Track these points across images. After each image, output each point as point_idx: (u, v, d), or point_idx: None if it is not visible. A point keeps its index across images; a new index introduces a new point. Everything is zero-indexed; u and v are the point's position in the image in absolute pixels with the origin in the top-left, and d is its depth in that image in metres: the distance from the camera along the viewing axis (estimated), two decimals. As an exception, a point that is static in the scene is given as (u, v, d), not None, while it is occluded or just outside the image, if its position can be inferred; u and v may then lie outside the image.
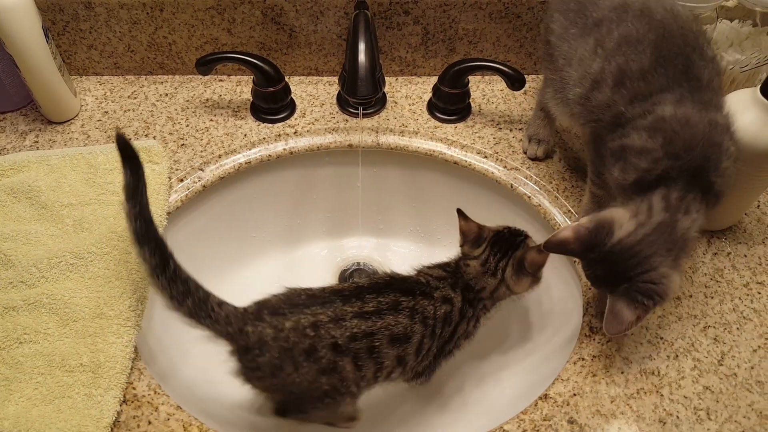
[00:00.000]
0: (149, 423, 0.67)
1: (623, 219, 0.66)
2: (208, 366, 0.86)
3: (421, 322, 0.68)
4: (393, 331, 0.66)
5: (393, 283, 0.70)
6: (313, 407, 0.69)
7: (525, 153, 0.93)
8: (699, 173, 0.66)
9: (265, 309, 0.66)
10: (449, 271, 0.75)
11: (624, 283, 0.65)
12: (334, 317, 0.64)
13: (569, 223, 0.85)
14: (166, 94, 1.00)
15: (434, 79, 0.97)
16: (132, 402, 0.69)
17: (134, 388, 0.70)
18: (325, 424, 0.78)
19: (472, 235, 0.77)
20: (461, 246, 0.78)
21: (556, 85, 0.79)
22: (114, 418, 0.67)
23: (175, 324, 0.86)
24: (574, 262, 0.83)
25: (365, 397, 0.83)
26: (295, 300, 0.66)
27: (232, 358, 0.67)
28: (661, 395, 0.70)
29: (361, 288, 0.68)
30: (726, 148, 0.67)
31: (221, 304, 0.67)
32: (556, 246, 0.68)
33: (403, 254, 1.04)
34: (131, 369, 0.71)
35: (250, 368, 0.66)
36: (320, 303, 0.65)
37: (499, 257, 0.75)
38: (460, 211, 0.78)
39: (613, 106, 0.70)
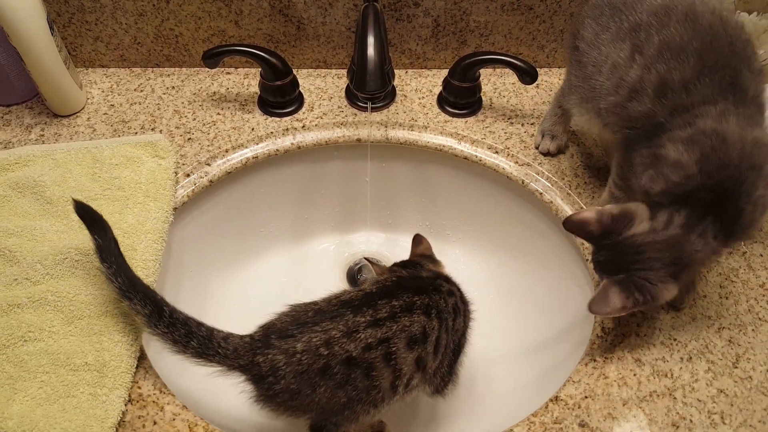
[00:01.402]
0: (154, 423, 0.67)
1: (644, 216, 0.66)
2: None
3: (437, 318, 0.66)
4: (410, 332, 0.63)
5: (403, 283, 0.68)
6: (343, 420, 0.67)
7: (537, 148, 0.91)
8: (729, 197, 0.63)
9: (273, 333, 0.63)
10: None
11: (623, 272, 0.65)
12: (347, 331, 0.62)
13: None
14: (173, 87, 0.99)
15: (444, 73, 0.96)
16: (137, 402, 0.68)
17: (140, 388, 0.69)
18: None
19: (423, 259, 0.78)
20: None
21: (583, 93, 0.76)
22: (119, 418, 0.66)
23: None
24: (587, 260, 0.81)
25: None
26: (302, 318, 0.63)
27: (247, 386, 0.64)
28: (674, 398, 0.69)
29: (371, 295, 0.66)
30: (766, 173, 0.63)
31: (227, 338, 0.64)
32: (577, 224, 0.68)
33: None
34: (137, 368, 0.70)
35: (267, 396, 0.64)
36: (330, 318, 0.63)
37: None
38: (416, 238, 0.80)
39: (653, 117, 0.67)
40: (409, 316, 0.64)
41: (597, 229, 0.66)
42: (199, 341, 0.63)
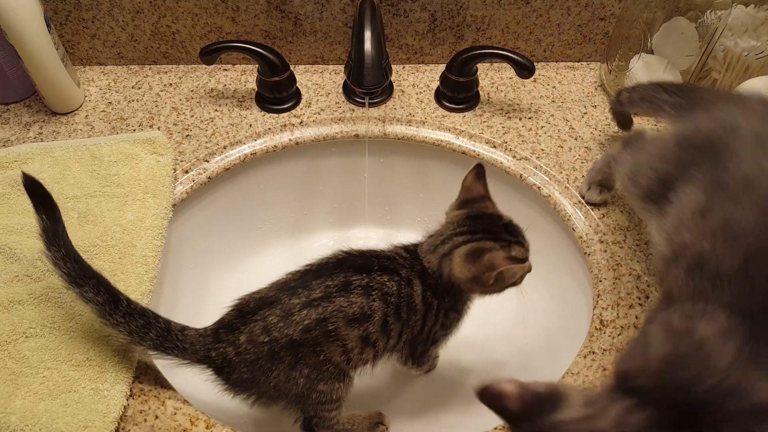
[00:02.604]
0: (156, 417, 0.67)
1: (575, 401, 0.52)
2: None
3: (381, 299, 0.64)
4: (347, 313, 0.63)
5: (346, 261, 0.67)
6: (318, 406, 0.68)
7: (582, 196, 0.85)
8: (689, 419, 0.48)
9: (221, 328, 0.64)
10: (410, 250, 0.71)
11: None
12: (283, 315, 0.62)
13: (579, 214, 0.84)
14: (171, 84, 0.99)
15: (442, 67, 0.96)
16: (139, 396, 0.68)
17: (141, 383, 0.70)
18: None
19: (470, 196, 0.72)
20: (450, 207, 0.74)
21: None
22: (121, 413, 0.66)
23: (180, 316, 0.86)
24: (585, 254, 0.81)
25: (370, 394, 0.83)
26: (245, 309, 0.64)
27: (212, 378, 0.66)
28: (673, 389, 0.69)
29: (308, 274, 0.65)
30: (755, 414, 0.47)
31: (183, 329, 0.65)
32: (492, 396, 0.53)
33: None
34: (138, 363, 0.71)
35: (230, 386, 0.66)
36: (268, 304, 0.63)
37: (461, 231, 0.68)
38: (480, 167, 0.72)
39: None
40: (345, 296, 0.63)
41: (516, 406, 0.52)
42: (157, 332, 0.63)
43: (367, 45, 0.81)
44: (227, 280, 0.96)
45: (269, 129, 0.93)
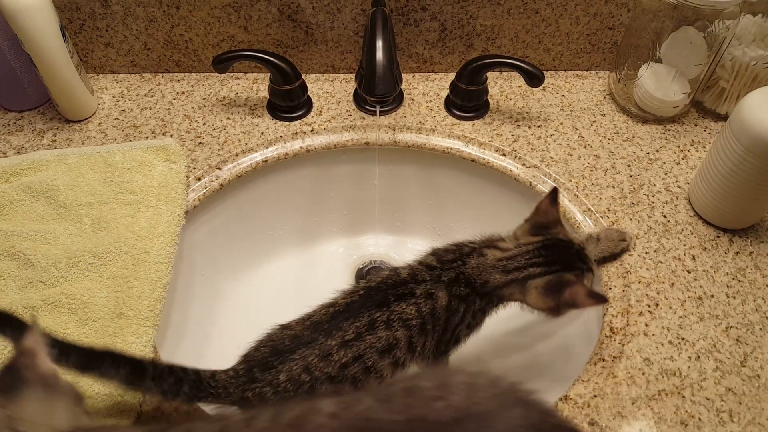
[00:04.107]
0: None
1: None
2: (226, 364, 0.87)
3: (403, 327, 0.66)
4: (378, 347, 0.65)
5: (367, 299, 0.68)
6: None
7: None
8: None
9: (255, 367, 0.64)
10: (445, 260, 0.72)
11: None
12: (322, 355, 0.63)
13: (589, 221, 0.85)
14: (183, 92, 1.00)
15: (451, 76, 0.97)
16: (150, 401, 0.69)
17: (154, 388, 0.70)
18: None
19: (544, 220, 0.72)
20: (519, 227, 0.74)
21: None
22: (134, 418, 0.67)
23: (192, 322, 0.87)
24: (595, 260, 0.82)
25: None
26: (280, 347, 0.65)
27: None
28: (683, 397, 0.70)
29: (337, 314, 0.66)
30: None
31: (213, 375, 0.65)
32: None
33: (420, 252, 1.03)
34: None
35: None
36: (305, 344, 0.64)
37: (537, 262, 0.70)
38: (555, 191, 0.73)
39: None
40: (373, 333, 0.65)
41: None
42: (190, 386, 0.63)
43: (379, 54, 0.81)
44: (238, 286, 0.96)
45: (281, 137, 0.94)
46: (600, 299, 0.68)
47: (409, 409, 0.44)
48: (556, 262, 0.69)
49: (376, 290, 0.69)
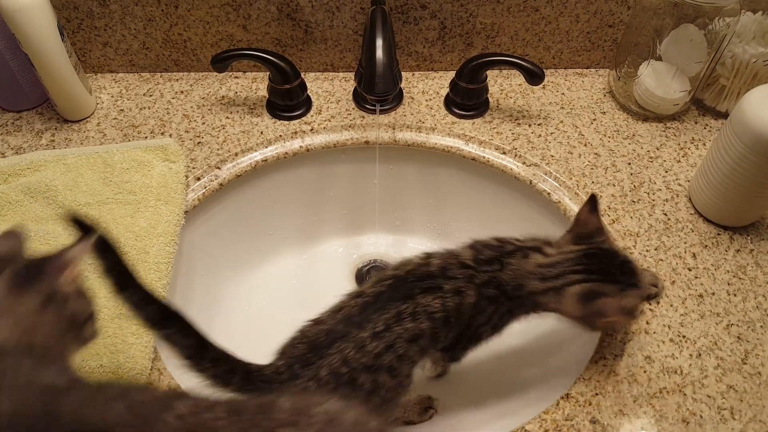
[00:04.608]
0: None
1: None
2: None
3: (428, 319, 0.66)
4: (406, 336, 0.65)
5: (395, 290, 0.68)
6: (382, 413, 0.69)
7: None
8: None
9: (296, 364, 0.64)
10: (481, 259, 0.70)
11: None
12: (357, 346, 0.64)
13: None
14: (182, 92, 1.00)
15: (451, 74, 0.97)
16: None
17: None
18: (404, 424, 0.80)
19: (585, 229, 0.71)
20: (562, 238, 0.72)
21: None
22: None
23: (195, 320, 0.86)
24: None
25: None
26: (317, 342, 0.65)
27: None
28: (684, 394, 0.70)
29: (367, 306, 0.66)
30: None
31: (259, 369, 0.64)
32: None
33: (420, 251, 1.03)
34: (151, 369, 0.71)
35: None
36: (340, 337, 0.64)
37: (577, 270, 0.68)
38: (593, 199, 0.71)
39: None
40: (400, 324, 0.65)
41: None
42: (240, 377, 0.63)
43: (379, 53, 0.81)
44: (238, 285, 0.96)
45: (280, 136, 0.94)
46: (631, 315, 0.66)
47: (254, 426, 0.44)
48: (597, 272, 0.68)
49: (404, 281, 0.68)
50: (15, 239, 0.57)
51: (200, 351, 0.61)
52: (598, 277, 0.67)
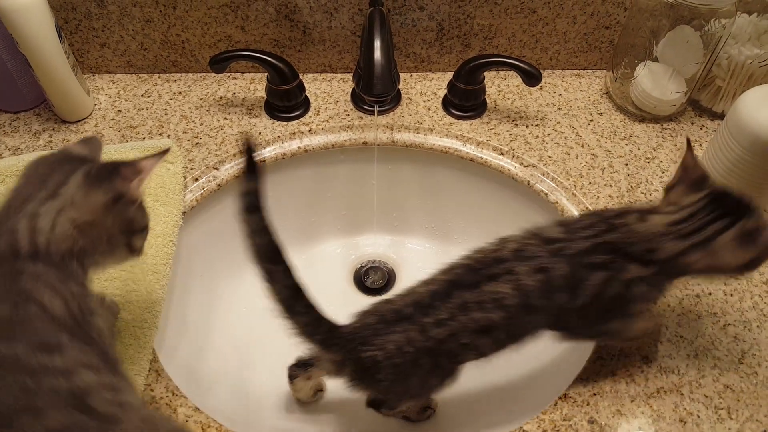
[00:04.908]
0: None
1: None
2: (226, 367, 0.87)
3: (500, 308, 0.63)
4: (473, 327, 0.64)
5: (461, 278, 0.65)
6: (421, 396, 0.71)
7: None
8: None
9: (367, 331, 0.65)
10: (575, 228, 0.66)
11: None
12: (420, 330, 0.63)
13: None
14: (180, 93, 1.00)
15: (449, 76, 0.97)
16: (150, 404, 0.69)
17: (152, 390, 0.70)
18: (403, 419, 0.80)
19: (695, 175, 0.66)
20: (668, 188, 0.68)
21: None
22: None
23: (191, 324, 0.86)
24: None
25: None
26: (386, 318, 0.65)
27: (348, 374, 0.67)
28: (682, 394, 0.70)
29: (435, 294, 0.65)
30: None
31: (339, 327, 0.65)
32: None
33: (418, 252, 1.04)
34: (149, 371, 0.71)
35: (368, 384, 0.67)
36: (406, 318, 0.64)
37: (716, 217, 0.63)
38: (690, 142, 0.68)
39: None
40: (465, 314, 0.63)
41: None
42: (325, 329, 0.64)
43: (377, 54, 0.81)
44: (237, 286, 0.96)
45: (278, 137, 0.94)
46: None
47: None
48: (733, 212, 0.63)
49: (471, 269, 0.66)
50: (93, 144, 0.62)
51: (297, 294, 0.63)
52: (735, 218, 0.63)
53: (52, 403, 0.45)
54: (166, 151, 0.62)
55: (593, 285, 0.64)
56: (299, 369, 0.78)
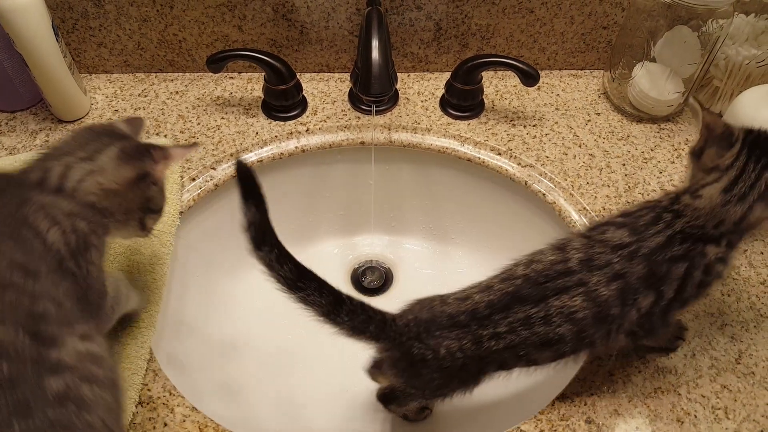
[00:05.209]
0: (165, 425, 0.67)
1: None
2: (223, 366, 0.87)
3: (569, 322, 0.62)
4: (534, 341, 0.62)
5: (521, 292, 0.63)
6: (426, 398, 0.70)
7: None
8: None
9: (421, 327, 0.64)
10: (640, 227, 0.64)
11: None
12: (474, 340, 0.62)
13: (584, 220, 0.85)
14: (177, 92, 1.00)
15: (447, 75, 0.97)
16: (147, 404, 0.69)
17: (149, 390, 0.70)
18: (401, 417, 0.80)
19: (719, 131, 0.65)
20: (694, 153, 0.67)
21: None
22: (130, 420, 0.66)
23: (188, 323, 0.86)
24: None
25: (371, 403, 0.84)
26: (439, 321, 0.64)
27: (394, 359, 0.66)
28: (679, 394, 0.70)
29: (492, 306, 0.63)
30: None
31: (394, 319, 0.65)
32: None
33: (416, 252, 1.04)
34: (146, 370, 0.71)
35: (411, 376, 0.66)
36: (461, 326, 0.63)
37: (761, 169, 0.61)
38: (701, 105, 0.68)
39: None
40: (528, 329, 0.62)
41: None
42: (375, 325, 0.63)
43: (375, 53, 0.81)
44: (234, 286, 0.96)
45: (276, 137, 0.94)
46: None
47: None
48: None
49: (534, 283, 0.64)
50: (136, 124, 0.68)
51: (336, 307, 0.61)
52: None
53: (5, 316, 0.48)
54: (195, 144, 0.69)
55: (677, 279, 0.63)
56: (376, 369, 0.76)
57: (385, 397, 0.75)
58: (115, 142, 0.62)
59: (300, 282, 0.61)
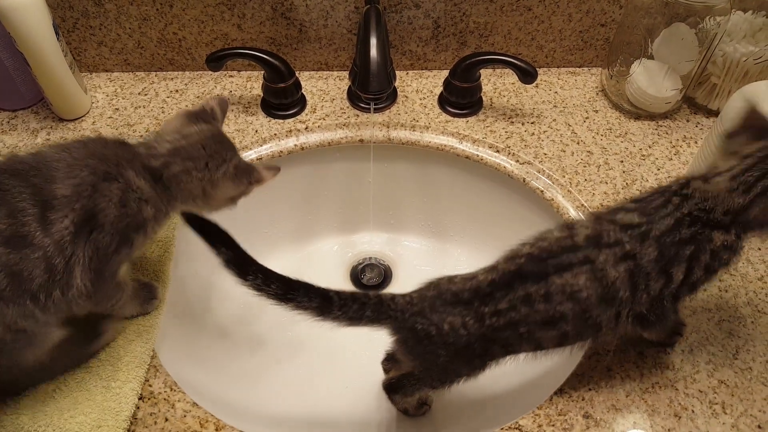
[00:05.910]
0: (166, 420, 0.68)
1: None
2: (224, 361, 0.87)
3: (571, 300, 0.62)
4: (536, 318, 0.62)
5: (523, 270, 0.64)
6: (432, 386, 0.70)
7: None
8: None
9: (425, 303, 0.65)
10: (651, 209, 0.64)
11: None
12: (476, 317, 0.63)
13: (582, 217, 0.85)
14: (177, 91, 1.00)
15: (445, 73, 0.97)
16: (149, 399, 0.69)
17: (150, 386, 0.70)
18: (401, 411, 0.81)
19: (759, 124, 0.66)
20: (729, 135, 0.67)
21: None
22: (133, 411, 0.67)
23: (190, 323, 0.87)
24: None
25: (374, 396, 0.84)
26: (444, 297, 0.65)
27: (400, 337, 0.67)
28: (676, 389, 0.70)
29: (494, 284, 0.64)
30: None
31: (393, 298, 0.65)
32: None
33: (415, 249, 1.04)
34: (148, 365, 0.71)
35: (418, 351, 0.67)
36: (463, 303, 0.63)
37: None
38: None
39: None
40: (529, 307, 0.62)
41: None
42: (372, 309, 0.64)
43: (373, 51, 0.82)
44: (234, 285, 0.96)
45: (275, 134, 0.94)
46: None
47: None
48: None
49: (536, 260, 0.64)
50: (224, 106, 0.76)
51: (327, 305, 0.64)
52: None
53: None
54: (279, 169, 0.77)
55: (684, 261, 0.63)
56: (390, 362, 0.77)
57: (391, 387, 0.75)
58: (232, 157, 0.71)
59: (289, 294, 0.64)
